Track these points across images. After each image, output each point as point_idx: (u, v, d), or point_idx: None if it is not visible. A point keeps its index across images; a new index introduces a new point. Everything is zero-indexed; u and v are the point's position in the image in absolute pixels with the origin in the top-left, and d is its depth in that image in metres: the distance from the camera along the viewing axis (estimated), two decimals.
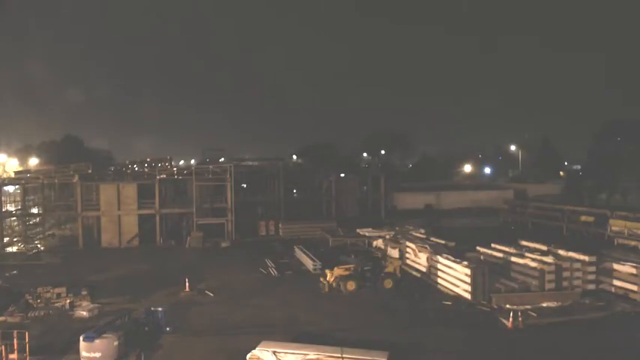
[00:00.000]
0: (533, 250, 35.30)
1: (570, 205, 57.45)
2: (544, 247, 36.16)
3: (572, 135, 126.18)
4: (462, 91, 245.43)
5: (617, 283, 31.40)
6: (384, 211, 63.42)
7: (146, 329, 25.17)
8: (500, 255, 35.55)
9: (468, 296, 30.68)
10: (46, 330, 26.47)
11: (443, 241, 40.70)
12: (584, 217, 53.71)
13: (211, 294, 33.00)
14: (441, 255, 34.71)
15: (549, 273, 31.19)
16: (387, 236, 45.55)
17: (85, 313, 28.66)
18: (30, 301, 30.12)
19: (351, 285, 32.55)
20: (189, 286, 33.49)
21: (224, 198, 55.33)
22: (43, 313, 28.80)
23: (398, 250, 40.90)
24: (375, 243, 46.24)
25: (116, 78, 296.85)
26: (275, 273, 38.53)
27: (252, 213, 59.53)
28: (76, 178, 52.58)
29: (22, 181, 58.79)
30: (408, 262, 38.83)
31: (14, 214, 59.29)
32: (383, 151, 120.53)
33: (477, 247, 38.06)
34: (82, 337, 21.84)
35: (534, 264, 32.00)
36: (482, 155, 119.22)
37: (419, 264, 37.26)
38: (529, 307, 28.92)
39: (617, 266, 31.74)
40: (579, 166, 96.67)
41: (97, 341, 21.53)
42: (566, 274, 31.51)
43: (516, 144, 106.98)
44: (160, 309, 26.31)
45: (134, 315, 26.52)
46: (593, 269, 32.23)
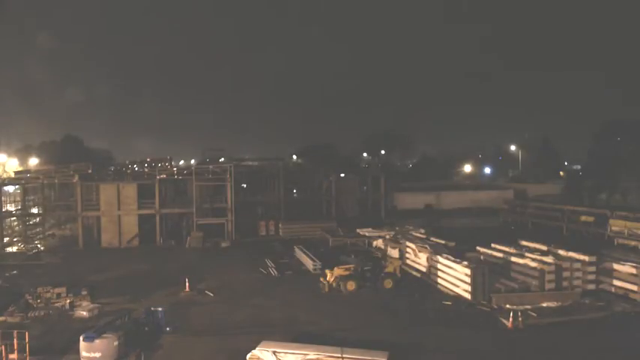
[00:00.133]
0: (533, 250, 35.29)
1: (570, 205, 57.45)
2: (544, 247, 36.16)
3: (572, 135, 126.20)
4: (462, 91, 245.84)
5: (617, 283, 31.40)
6: (384, 211, 63.43)
7: (146, 329, 25.17)
8: (500, 255, 35.55)
9: (468, 296, 30.69)
10: (46, 330, 26.46)
11: (443, 241, 40.69)
12: (584, 217, 53.71)
13: (211, 294, 32.99)
14: (441, 255, 34.71)
15: (549, 273, 31.18)
16: (387, 236, 45.54)
17: (85, 313, 28.66)
18: (30, 301, 30.13)
19: (351, 285, 32.55)
20: (189, 286, 33.49)
21: (224, 198, 55.32)
22: (43, 313, 28.78)
23: (398, 250, 40.90)
24: (375, 243, 46.25)
25: (116, 78, 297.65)
26: (275, 273, 38.53)
27: (252, 213, 59.52)
28: (76, 178, 52.56)
29: (22, 181, 58.67)
30: (408, 262, 38.82)
31: (14, 214, 59.27)
32: (383, 151, 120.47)
33: (477, 247, 38.06)
34: (82, 337, 21.84)
35: (534, 264, 31.99)
36: (482, 155, 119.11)
37: (419, 264, 37.26)
38: (529, 307, 28.92)
39: (617, 266, 31.74)
40: (579, 166, 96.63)
41: (97, 341, 21.54)
42: (566, 274, 31.51)
43: (516, 144, 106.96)
44: (160, 309, 26.32)
45: (134, 315, 26.52)
46: (593, 269, 32.23)
